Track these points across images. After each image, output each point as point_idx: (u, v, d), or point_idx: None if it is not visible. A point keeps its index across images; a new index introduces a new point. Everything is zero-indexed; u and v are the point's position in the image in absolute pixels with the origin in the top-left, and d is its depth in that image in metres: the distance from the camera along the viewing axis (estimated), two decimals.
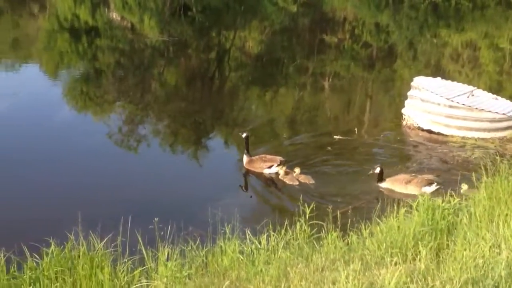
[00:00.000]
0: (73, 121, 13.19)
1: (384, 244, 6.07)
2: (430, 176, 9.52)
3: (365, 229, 6.77)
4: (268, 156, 10.02)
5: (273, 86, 17.13)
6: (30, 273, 5.45)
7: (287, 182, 9.54)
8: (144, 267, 5.77)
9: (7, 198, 8.78)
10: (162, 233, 6.05)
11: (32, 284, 5.37)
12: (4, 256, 5.53)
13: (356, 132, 12.18)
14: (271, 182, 9.89)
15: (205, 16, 27.99)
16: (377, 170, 9.52)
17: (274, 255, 6.16)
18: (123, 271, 5.61)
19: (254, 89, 16.84)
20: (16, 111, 13.30)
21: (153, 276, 5.62)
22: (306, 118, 14.04)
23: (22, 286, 5.33)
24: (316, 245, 6.49)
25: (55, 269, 5.49)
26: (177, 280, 5.51)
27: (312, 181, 9.53)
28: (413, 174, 9.54)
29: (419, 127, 12.53)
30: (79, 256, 5.62)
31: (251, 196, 9.50)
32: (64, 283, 5.42)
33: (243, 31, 25.77)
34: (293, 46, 23.71)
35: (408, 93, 12.98)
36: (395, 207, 7.03)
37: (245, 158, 10.02)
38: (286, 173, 9.62)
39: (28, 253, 5.64)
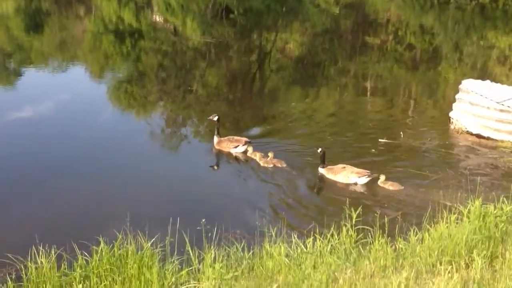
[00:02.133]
0: (118, 121, 13.41)
1: (436, 252, 5.91)
2: (362, 170, 9.90)
3: (414, 235, 6.60)
4: (235, 137, 11.17)
5: (314, 88, 17.00)
6: (80, 271, 5.52)
7: (262, 164, 10.47)
8: (191, 268, 5.77)
9: (58, 197, 8.96)
10: (209, 234, 6.04)
11: (82, 281, 5.43)
12: (55, 253, 5.61)
13: (402, 136, 11.92)
14: (315, 185, 9.82)
15: (247, 18, 28.07)
16: (319, 150, 10.17)
17: (321, 259, 6.07)
18: (171, 271, 5.62)
19: (295, 91, 16.75)
20: (63, 112, 13.62)
21: (201, 277, 5.60)
22: (349, 120, 13.85)
23: (73, 283, 5.40)
24: (362, 251, 6.36)
25: (104, 268, 5.55)
26: (224, 282, 5.49)
27: (284, 165, 10.36)
28: (347, 166, 10.02)
29: (467, 131, 12.20)
30: (127, 255, 5.66)
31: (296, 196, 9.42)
32: (113, 281, 5.47)
33: (284, 33, 25.72)
34: (334, 48, 23.52)
35: (456, 96, 12.67)
36: (445, 214, 6.85)
37: (215, 139, 11.20)
38: (262, 157, 10.58)
39: (78, 251, 5.72)
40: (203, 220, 5.97)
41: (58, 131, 12.06)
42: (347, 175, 9.92)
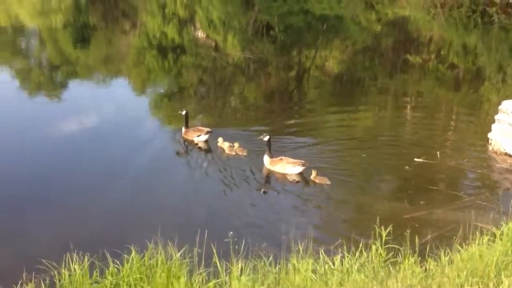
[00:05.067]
0: (156, 134, 13.72)
1: (465, 272, 5.84)
2: (297, 161, 10.65)
3: (444, 255, 6.53)
4: (200, 128, 12.60)
5: (352, 104, 16.95)
6: (111, 279, 5.71)
7: (227, 152, 11.70)
8: (218, 280, 5.87)
9: (92, 207, 9.26)
10: (236, 247, 6.14)
11: None
12: (88, 261, 5.82)
13: (439, 156, 11.77)
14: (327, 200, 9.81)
15: (287, 35, 28.27)
16: (266, 138, 10.96)
17: (348, 277, 6.08)
18: (198, 282, 5.74)
19: (334, 108, 16.71)
20: (105, 124, 14.06)
21: None
22: (386, 137, 13.74)
23: None
24: (391, 270, 6.33)
25: (134, 276, 5.72)
26: None
27: (245, 153, 11.49)
28: (284, 157, 10.80)
29: (506, 152, 11.95)
30: (157, 265, 5.82)
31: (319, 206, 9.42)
32: None
33: (324, 50, 25.76)
34: (375, 66, 23.39)
35: (496, 117, 12.44)
36: (477, 235, 6.76)
37: (183, 129, 12.72)
38: (229, 146, 11.76)
39: (110, 259, 5.91)
40: (231, 233, 6.07)
41: (99, 143, 12.46)
42: (284, 166, 10.67)
